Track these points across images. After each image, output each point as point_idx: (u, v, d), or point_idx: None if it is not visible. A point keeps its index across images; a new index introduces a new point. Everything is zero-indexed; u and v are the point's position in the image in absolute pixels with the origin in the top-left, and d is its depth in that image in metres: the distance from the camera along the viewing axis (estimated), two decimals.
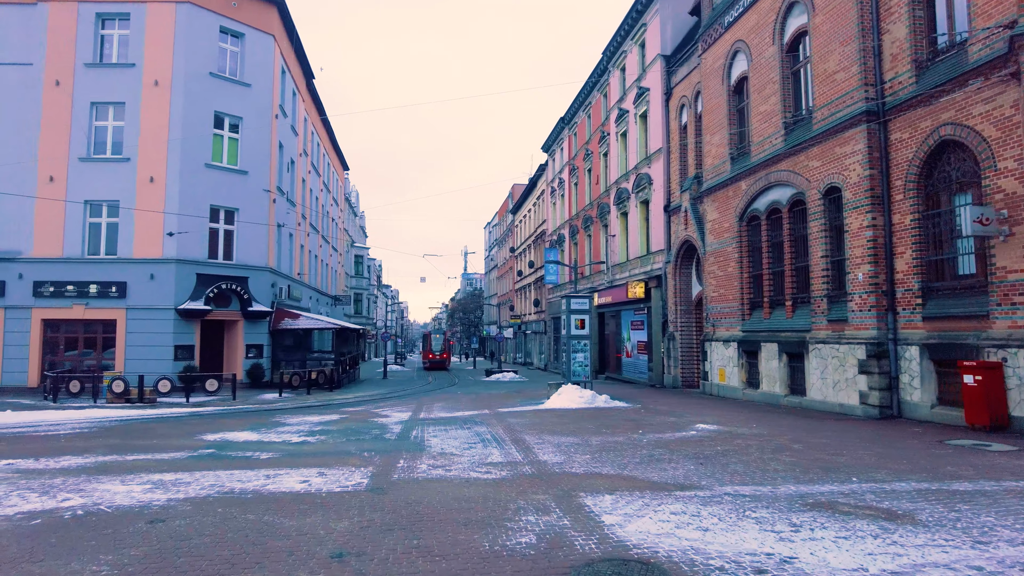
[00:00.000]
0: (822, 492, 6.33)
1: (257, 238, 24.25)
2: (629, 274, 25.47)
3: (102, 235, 22.15)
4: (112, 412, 15.96)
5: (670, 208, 22.34)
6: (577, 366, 17.33)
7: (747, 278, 17.31)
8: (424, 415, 14.84)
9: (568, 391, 16.24)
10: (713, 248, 18.92)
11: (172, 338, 21.67)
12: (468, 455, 8.95)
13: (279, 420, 13.96)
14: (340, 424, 13.11)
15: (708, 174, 19.35)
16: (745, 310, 17.28)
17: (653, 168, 23.60)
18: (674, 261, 21.55)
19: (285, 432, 11.82)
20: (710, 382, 18.81)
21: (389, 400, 20.10)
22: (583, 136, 33.21)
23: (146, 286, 21.72)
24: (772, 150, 15.83)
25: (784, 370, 15.26)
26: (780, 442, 9.50)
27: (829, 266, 13.89)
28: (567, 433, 10.93)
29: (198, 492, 6.80)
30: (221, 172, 23.31)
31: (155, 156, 22.18)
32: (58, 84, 22.11)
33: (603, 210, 29.05)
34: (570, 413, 14.20)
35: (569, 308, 17.37)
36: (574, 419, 13.01)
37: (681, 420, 12.50)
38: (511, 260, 58.12)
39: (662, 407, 15.27)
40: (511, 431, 11.37)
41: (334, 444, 10.28)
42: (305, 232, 32.45)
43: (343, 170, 48.82)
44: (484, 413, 14.88)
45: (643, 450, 9.06)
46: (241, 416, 15.18)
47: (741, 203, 17.31)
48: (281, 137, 26.68)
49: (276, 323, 24.71)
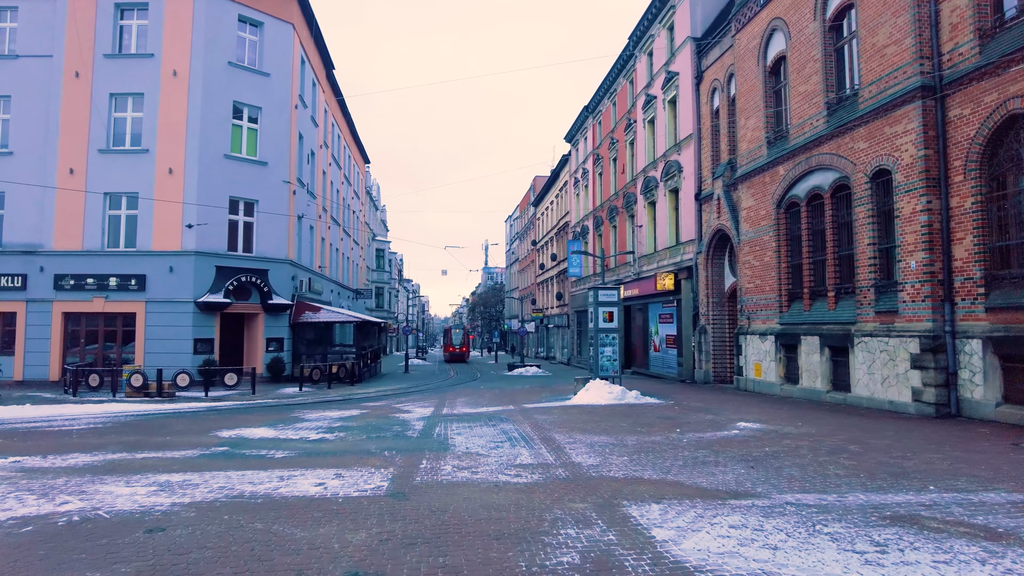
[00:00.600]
0: (898, 503, 5.59)
1: (277, 230, 23.89)
2: (657, 265, 24.64)
3: (121, 227, 21.93)
4: (129, 407, 15.66)
5: (701, 196, 21.47)
6: (605, 360, 16.63)
7: (785, 268, 16.43)
8: (447, 411, 14.28)
9: (596, 387, 15.56)
10: (748, 237, 18.05)
11: (191, 331, 21.39)
12: (495, 455, 8.34)
13: (298, 416, 13.50)
14: (360, 420, 12.60)
15: (743, 160, 18.47)
16: (783, 302, 16.42)
17: (683, 155, 22.72)
18: (706, 251, 20.70)
19: (303, 429, 11.33)
20: (745, 377, 17.98)
21: (411, 395, 19.60)
22: (608, 124, 32.35)
23: (165, 279, 21.47)
24: (813, 132, 14.93)
25: (826, 365, 14.40)
26: (834, 443, 8.73)
27: (877, 254, 13.00)
28: (599, 432, 10.26)
29: (205, 496, 6.28)
30: (240, 163, 22.95)
31: (174, 147, 21.88)
32: (77, 76, 21.89)
33: (629, 200, 28.21)
34: (600, 410, 13.52)
35: (597, 300, 16.67)
36: (605, 416, 12.33)
37: (720, 418, 11.76)
38: (533, 253, 57.42)
39: (697, 403, 14.51)
40: (539, 429, 10.74)
41: (353, 442, 9.74)
42: (326, 225, 32.10)
43: (364, 163, 48.47)
44: (509, 409, 14.27)
45: (684, 451, 8.36)
46: (259, 411, 14.77)
47: (779, 189, 16.42)
48: (301, 128, 26.28)
49: (296, 316, 24.35)
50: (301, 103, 26.22)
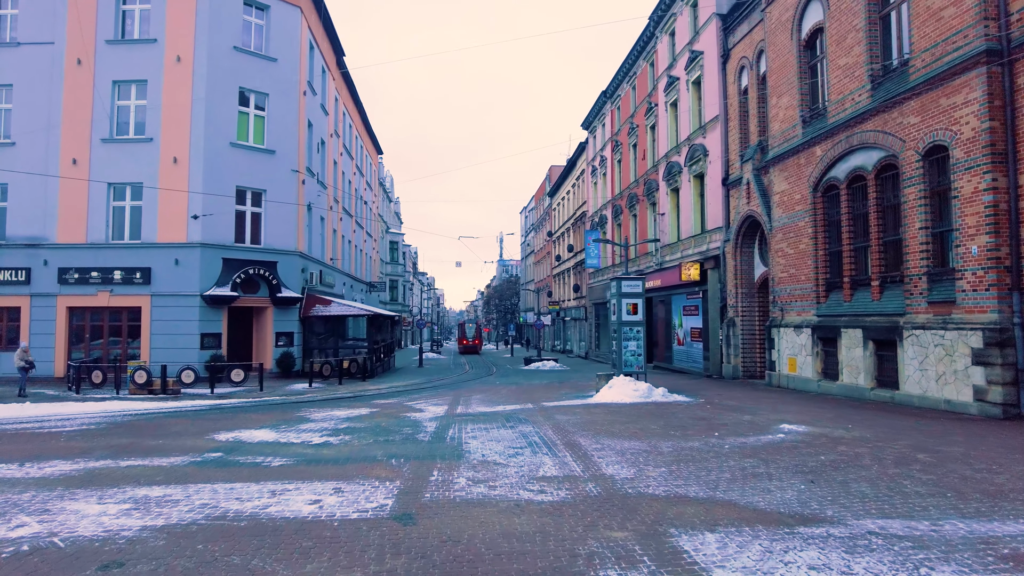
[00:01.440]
0: (1012, 535, 4.59)
1: (286, 221, 23.12)
2: (681, 255, 23.54)
3: (126, 219, 21.28)
4: (131, 405, 14.98)
5: (729, 181, 20.33)
6: (629, 355, 15.65)
7: (823, 256, 15.31)
8: (461, 409, 13.40)
9: (620, 384, 14.59)
10: (781, 223, 16.93)
11: (198, 326, 20.72)
12: (515, 465, 7.42)
13: (303, 415, 12.70)
14: (369, 420, 11.75)
15: (775, 141, 17.32)
16: (820, 292, 15.31)
17: (708, 138, 21.57)
18: (734, 239, 19.58)
19: (306, 431, 10.51)
20: (778, 373, 16.91)
21: (424, 391, 18.77)
22: (627, 109, 31.18)
23: (171, 272, 20.79)
24: (855, 109, 13.77)
25: (870, 360, 13.30)
26: (898, 450, 7.71)
27: (930, 239, 11.86)
28: (629, 436, 9.31)
29: (183, 516, 5.43)
30: (247, 152, 22.19)
31: (178, 136, 21.16)
32: (79, 63, 21.21)
33: (650, 187, 27.08)
34: (625, 409, 12.56)
35: (620, 291, 15.67)
36: (633, 417, 11.37)
37: (759, 419, 10.75)
38: (548, 245, 56.37)
39: (730, 402, 13.50)
40: (562, 432, 9.81)
41: (359, 447, 8.88)
42: (338, 216, 31.33)
43: (377, 154, 47.64)
44: (527, 408, 13.36)
45: (730, 460, 7.39)
46: (264, 410, 14.00)
47: (816, 171, 15.28)
48: (310, 115, 25.46)
49: (307, 310, 23.61)
50: (310, 90, 25.39)
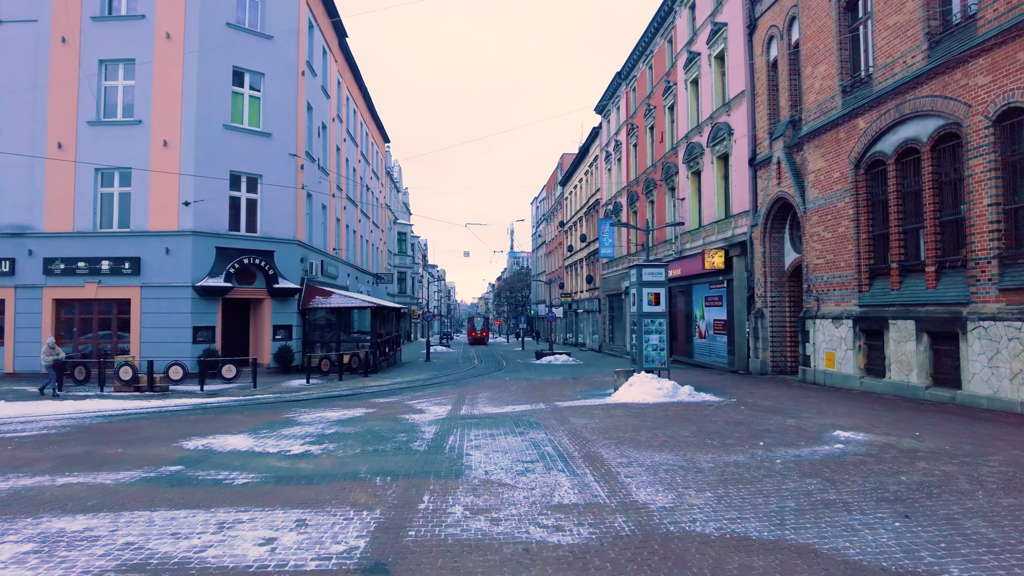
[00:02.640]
0: None
1: (284, 208, 21.89)
2: (703, 242, 22.05)
3: (114, 206, 20.13)
4: (109, 404, 13.84)
5: (756, 161, 18.81)
6: (651, 350, 14.26)
7: (866, 239, 13.81)
8: (466, 410, 12.11)
9: (641, 381, 13.22)
10: (817, 204, 15.42)
11: (190, 318, 19.56)
12: (524, 486, 6.10)
13: (291, 417, 11.46)
14: (361, 424, 10.48)
15: (810, 115, 15.80)
16: (863, 279, 13.83)
17: (734, 116, 20.03)
18: (762, 224, 18.08)
19: (288, 437, 9.25)
20: (812, 368, 15.45)
21: (428, 388, 17.50)
22: (643, 90, 29.61)
23: (161, 261, 19.63)
24: (907, 72, 12.24)
25: (925, 355, 11.83)
26: (995, 469, 6.29)
27: (1001, 217, 10.36)
28: (658, 446, 7.95)
29: (90, 565, 4.17)
30: (241, 134, 20.94)
31: (169, 118, 19.95)
32: (64, 41, 20.03)
33: (669, 171, 25.56)
34: (649, 411, 11.20)
35: (640, 280, 14.27)
36: (659, 421, 10.01)
37: (806, 423, 9.35)
38: (560, 235, 54.91)
39: (765, 402, 12.09)
40: (579, 440, 8.48)
41: (342, 459, 7.60)
42: (341, 205, 30.09)
43: (384, 142, 46.34)
44: (539, 408, 12.04)
45: (787, 480, 6.02)
46: (251, 410, 12.78)
47: (858, 145, 13.77)
48: (310, 97, 24.17)
49: (306, 301, 22.40)
50: (309, 70, 24.09)
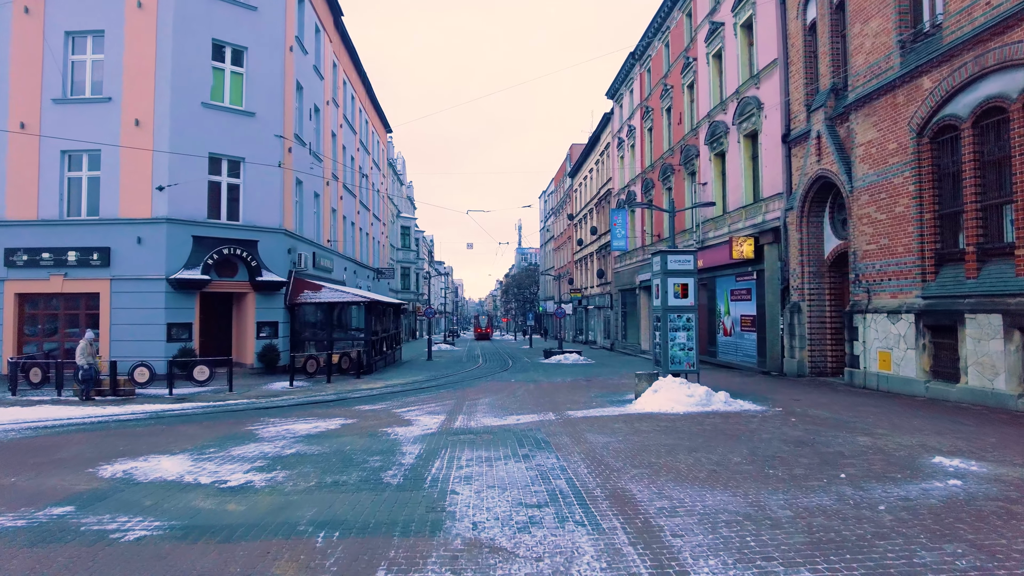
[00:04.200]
0: None
1: (269, 194, 20.07)
2: (729, 230, 20.03)
3: (83, 192, 18.38)
4: (57, 412, 12.04)
5: (791, 137, 16.78)
6: (678, 350, 12.30)
7: (931, 219, 11.80)
8: (461, 422, 10.22)
9: (668, 386, 11.28)
10: (868, 181, 13.40)
11: (164, 314, 17.79)
12: (528, 554, 4.20)
13: (254, 429, 9.62)
14: (332, 441, 8.62)
15: (858, 79, 13.76)
16: (927, 267, 11.82)
17: (763, 88, 18.00)
18: (799, 207, 16.06)
19: (236, 459, 7.41)
20: (862, 370, 13.45)
21: (424, 392, 15.62)
22: (659, 70, 27.56)
23: (133, 252, 17.87)
24: (990, 16, 10.21)
25: (1017, 357, 9.81)
26: None
27: None
28: (707, 478, 6.03)
29: None
30: (222, 113, 19.13)
31: (141, 95, 18.17)
32: (27, 12, 18.27)
33: (688, 154, 23.53)
34: (682, 424, 9.26)
35: (665, 268, 12.31)
36: (697, 438, 8.07)
37: (883, 442, 7.38)
38: (569, 229, 52.93)
39: (817, 411, 10.12)
40: (601, 468, 6.57)
41: (286, 497, 5.73)
42: (337, 195, 28.27)
43: (385, 132, 44.46)
44: (548, 420, 10.14)
45: (916, 547, 4.07)
46: (214, 419, 10.96)
47: (922, 109, 11.74)
48: (300, 76, 22.34)
49: (294, 296, 20.59)
50: (299, 47, 22.25)
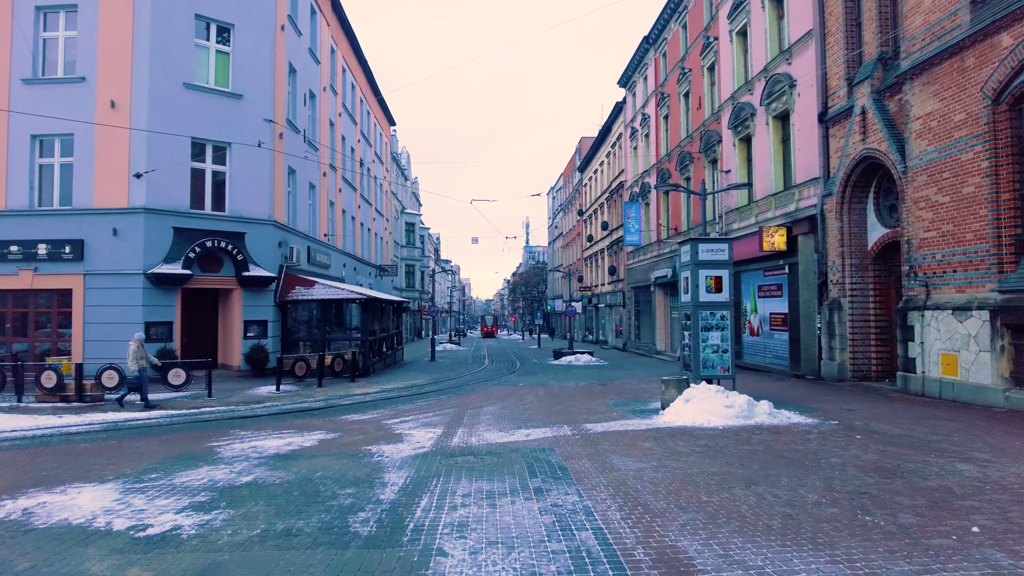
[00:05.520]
0: None
1: (258, 183, 18.62)
2: (756, 220, 18.39)
3: (55, 180, 16.99)
4: (5, 421, 10.61)
5: (829, 116, 15.13)
6: (710, 352, 10.71)
7: (1011, 200, 10.16)
8: (461, 436, 8.68)
9: (702, 395, 9.70)
10: (927, 159, 11.75)
11: (142, 312, 16.37)
12: None
13: (215, 446, 8.13)
14: (303, 463, 7.11)
15: (914, 43, 12.11)
16: (1006, 255, 10.18)
17: (796, 64, 16.36)
18: (839, 192, 14.41)
19: (176, 491, 5.91)
20: (921, 375, 11.80)
21: (421, 399, 14.09)
22: (676, 53, 25.92)
23: (108, 244, 16.47)
24: None
25: None
26: None
27: None
28: (783, 529, 4.45)
29: None
30: (206, 95, 17.70)
31: (118, 74, 16.77)
32: None
33: (709, 141, 21.89)
34: (726, 442, 7.68)
35: (696, 259, 10.73)
36: (750, 463, 6.49)
37: (999, 474, 5.78)
38: (579, 225, 51.31)
39: (881, 425, 8.50)
40: (638, 512, 5.01)
41: (212, 559, 4.21)
42: (336, 187, 26.81)
43: (389, 124, 42.99)
44: (563, 436, 8.59)
45: None
46: (174, 432, 9.47)
47: (999, 72, 10.09)
48: (292, 58, 20.87)
49: (285, 292, 19.12)
50: (292, 26, 20.79)
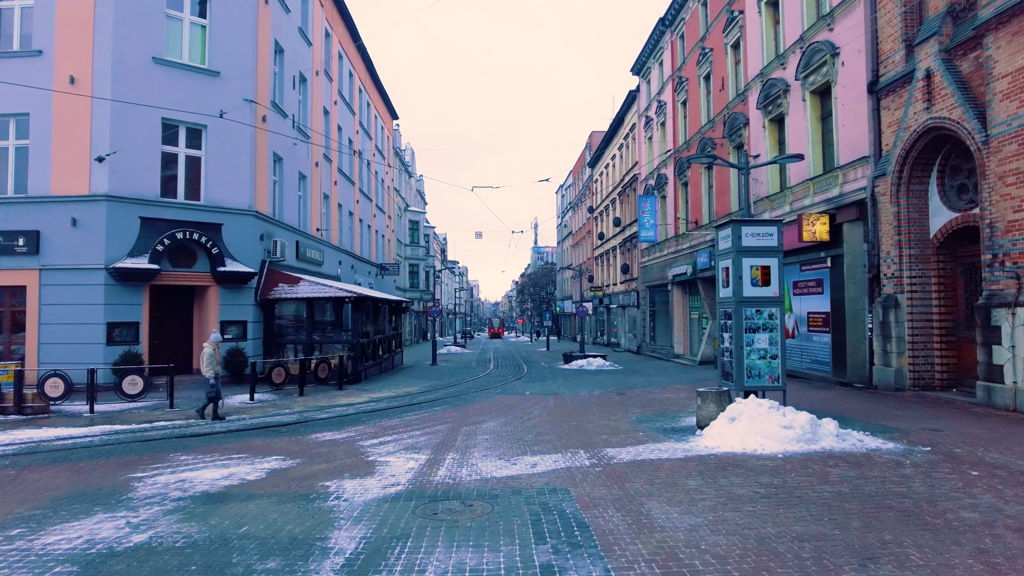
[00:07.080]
0: None
1: (237, 169, 16.85)
2: (790, 208, 16.43)
3: (8, 164, 15.29)
4: None
5: (880, 85, 13.15)
6: (756, 358, 8.79)
7: None
8: (447, 469, 6.82)
9: (752, 412, 7.78)
10: (1018, 125, 9.79)
11: (103, 312, 14.63)
12: None
13: (130, 481, 6.32)
14: (226, 513, 5.27)
15: None
16: None
17: (839, 29, 14.41)
18: (895, 171, 12.44)
19: (27, 564, 4.07)
20: (1012, 385, 9.82)
21: (413, 411, 12.22)
22: (695, 33, 23.99)
23: (66, 236, 14.76)
24: None
25: None
26: None
27: None
28: None
29: None
30: (179, 72, 15.96)
31: (78, 47, 15.07)
32: None
33: (734, 124, 19.94)
34: (797, 479, 5.77)
35: (738, 245, 8.82)
36: (851, 519, 4.58)
37: None
38: (589, 223, 49.37)
39: (997, 454, 6.57)
40: None
41: None
42: (331, 179, 25.06)
43: (391, 118, 41.22)
44: (580, 466, 6.71)
45: None
46: (100, 457, 7.67)
47: None
48: (278, 35, 19.12)
49: (267, 290, 17.34)
50: (279, 1, 19.04)
